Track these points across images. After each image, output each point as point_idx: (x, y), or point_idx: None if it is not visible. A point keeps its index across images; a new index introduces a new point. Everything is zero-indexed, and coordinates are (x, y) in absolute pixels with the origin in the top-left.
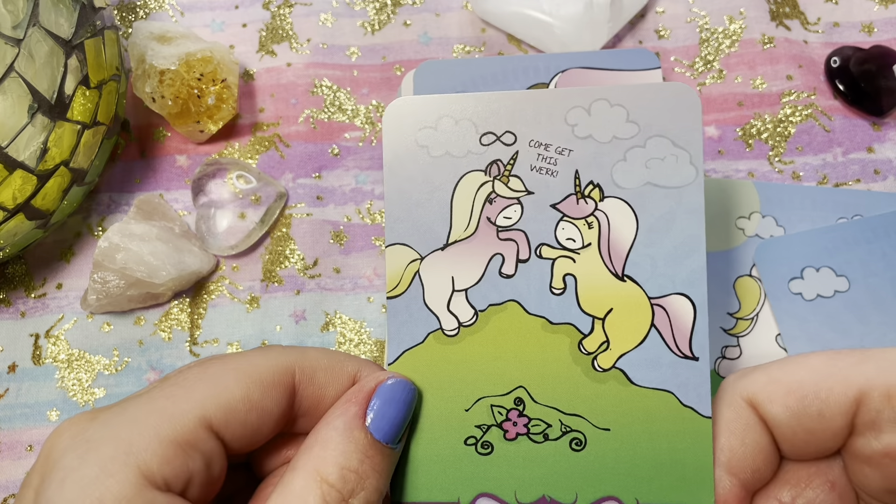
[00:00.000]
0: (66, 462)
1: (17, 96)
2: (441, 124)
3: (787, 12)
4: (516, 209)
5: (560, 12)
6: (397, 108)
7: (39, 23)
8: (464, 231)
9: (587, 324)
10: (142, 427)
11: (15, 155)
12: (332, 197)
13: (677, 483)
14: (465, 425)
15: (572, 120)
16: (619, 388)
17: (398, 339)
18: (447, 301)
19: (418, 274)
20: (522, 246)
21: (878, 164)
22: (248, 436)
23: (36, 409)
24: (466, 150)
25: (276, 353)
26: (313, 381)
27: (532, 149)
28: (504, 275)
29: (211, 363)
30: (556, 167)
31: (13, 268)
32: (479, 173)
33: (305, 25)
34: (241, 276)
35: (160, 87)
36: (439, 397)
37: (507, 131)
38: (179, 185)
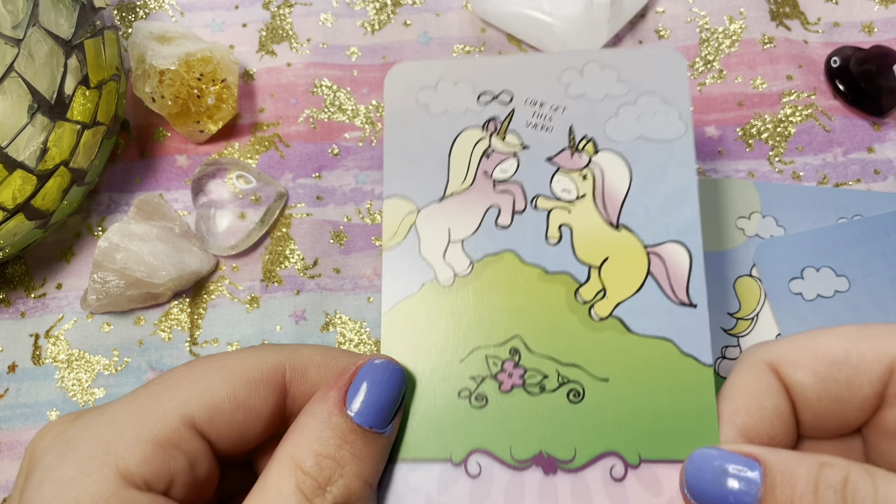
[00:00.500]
0: (46, 462)
1: (16, 96)
2: (440, 85)
3: (787, 12)
4: (512, 163)
5: (560, 12)
6: (399, 70)
7: (39, 23)
8: (461, 184)
9: (583, 273)
10: (122, 426)
11: (15, 155)
12: (332, 197)
13: (680, 435)
14: (458, 377)
15: (566, 80)
16: (616, 336)
17: (393, 290)
18: (443, 252)
19: (415, 225)
20: (518, 197)
21: (878, 164)
22: (236, 435)
23: (36, 410)
24: (464, 108)
25: (266, 350)
26: (306, 379)
27: (528, 107)
28: (500, 225)
29: (198, 363)
30: (551, 123)
31: (13, 268)
32: (476, 129)
33: (305, 25)
34: (240, 276)
35: (160, 87)
36: (433, 349)
37: (503, 90)
38: (179, 185)
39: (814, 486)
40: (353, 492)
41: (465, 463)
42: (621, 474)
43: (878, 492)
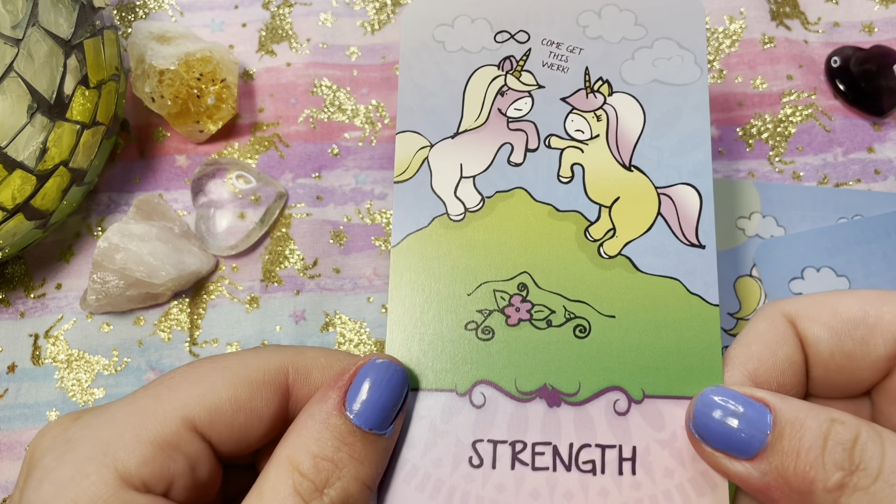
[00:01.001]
0: (45, 462)
1: (16, 96)
2: (458, 22)
3: (787, 12)
4: (527, 101)
5: None
6: (417, 6)
7: (39, 23)
8: (475, 121)
9: (594, 211)
10: (121, 427)
11: (14, 155)
12: (332, 197)
13: (684, 372)
14: (466, 310)
15: (584, 22)
16: (624, 274)
17: (403, 223)
18: (454, 187)
19: (427, 160)
20: (532, 136)
21: (878, 163)
22: (238, 437)
23: (35, 410)
24: (481, 46)
25: (269, 352)
26: (309, 381)
27: (544, 47)
28: (512, 163)
29: (200, 363)
30: (567, 64)
31: (12, 268)
32: (492, 67)
33: (305, 25)
34: (240, 276)
35: (160, 87)
36: (441, 281)
37: (520, 30)
38: (179, 185)
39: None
40: (351, 494)
41: (469, 393)
42: (625, 408)
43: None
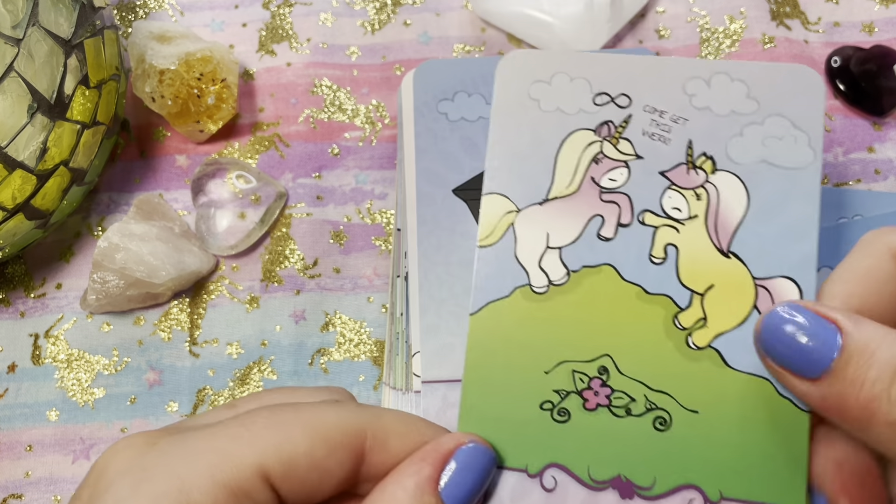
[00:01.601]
0: (119, 489)
1: (16, 96)
2: (555, 80)
3: (787, 12)
4: (623, 172)
5: (560, 12)
6: (513, 59)
7: (39, 22)
8: (566, 188)
9: (685, 297)
10: (198, 465)
11: (14, 155)
12: (332, 197)
13: (766, 479)
14: (543, 388)
15: (691, 90)
16: (712, 368)
17: (483, 290)
18: (539, 257)
19: (513, 226)
20: (625, 209)
21: (878, 163)
22: (306, 493)
23: (35, 409)
24: (578, 108)
25: (349, 411)
26: (385, 448)
27: (646, 114)
28: (602, 237)
29: (283, 410)
30: (669, 135)
31: (13, 268)
32: (588, 132)
33: (305, 25)
34: (240, 275)
35: (160, 87)
36: (519, 356)
37: (622, 93)
38: (179, 185)
39: (891, 374)
40: None
41: (540, 475)
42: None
43: None
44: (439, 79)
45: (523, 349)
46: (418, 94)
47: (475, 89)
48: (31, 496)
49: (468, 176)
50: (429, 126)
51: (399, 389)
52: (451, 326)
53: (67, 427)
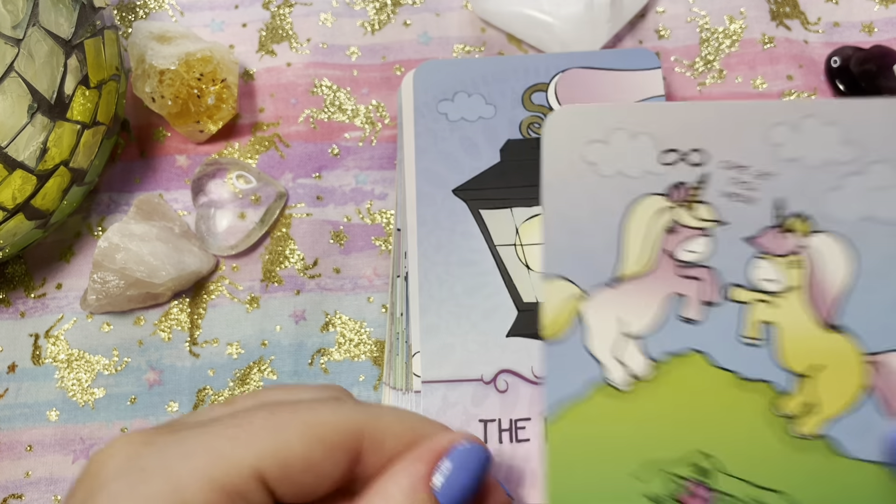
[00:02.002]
0: (115, 488)
1: (16, 96)
2: (614, 138)
3: (787, 12)
4: (702, 241)
5: (560, 12)
6: (561, 116)
7: (39, 23)
8: (637, 265)
9: (786, 381)
10: (195, 465)
11: (15, 155)
12: (332, 197)
13: None
14: (633, 496)
15: (776, 139)
16: (823, 459)
17: (556, 389)
18: (616, 347)
19: (581, 314)
20: (708, 285)
21: None
22: (300, 493)
23: (35, 409)
24: (643, 169)
25: (347, 410)
26: (382, 449)
27: (724, 171)
28: (685, 319)
29: (281, 411)
30: (754, 193)
31: (13, 268)
32: (658, 197)
33: (305, 25)
34: (240, 276)
35: (160, 87)
36: (604, 462)
37: (694, 149)
38: (179, 185)
39: None
40: None
41: None
42: None
43: None
44: (439, 79)
45: (609, 455)
46: (418, 95)
47: (475, 89)
48: (32, 496)
49: (468, 176)
50: (429, 126)
51: (399, 389)
52: (451, 326)
53: (67, 427)
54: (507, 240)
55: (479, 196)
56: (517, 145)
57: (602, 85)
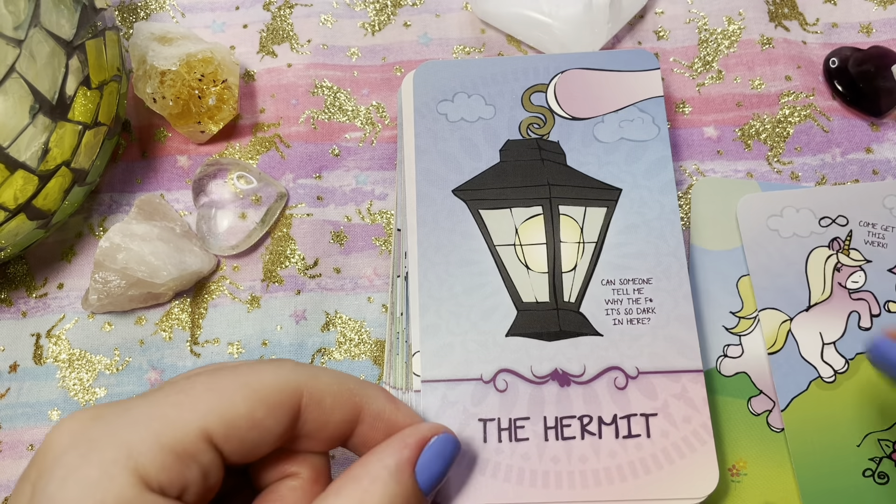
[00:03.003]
0: (68, 460)
1: (18, 97)
2: (785, 212)
3: (785, 13)
4: (860, 275)
5: (559, 13)
6: (750, 201)
7: (41, 24)
8: (821, 294)
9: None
10: (143, 431)
11: (16, 155)
12: (333, 197)
13: None
14: (860, 459)
15: (889, 204)
16: None
17: (785, 388)
18: (820, 352)
19: (791, 332)
20: (872, 303)
21: (876, 164)
22: (246, 451)
23: (37, 409)
24: (810, 231)
25: (286, 371)
26: (321, 406)
27: (862, 227)
28: (863, 328)
29: (221, 374)
30: (885, 240)
31: (14, 268)
32: (824, 248)
33: (306, 26)
34: (241, 276)
35: (161, 88)
36: (830, 436)
37: (839, 215)
38: (180, 186)
39: None
40: None
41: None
42: None
43: None
44: (439, 80)
45: (832, 431)
46: (418, 95)
47: (475, 90)
48: None
49: (468, 176)
50: (429, 127)
51: (399, 389)
52: (450, 326)
53: None
54: (506, 240)
55: (479, 196)
56: (517, 145)
57: (601, 86)
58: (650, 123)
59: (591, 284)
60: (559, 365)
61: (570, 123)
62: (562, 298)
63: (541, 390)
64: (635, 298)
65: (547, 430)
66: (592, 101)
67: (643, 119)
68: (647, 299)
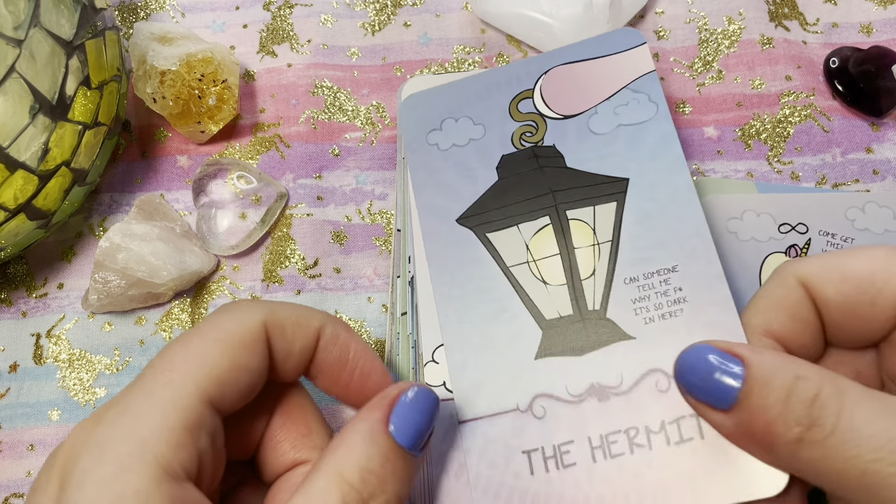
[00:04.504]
0: (83, 465)
1: (18, 97)
2: (746, 216)
3: (786, 13)
4: None
5: (559, 13)
6: (712, 202)
7: (41, 24)
8: None
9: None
10: (150, 420)
11: (16, 155)
12: (333, 197)
13: None
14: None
15: (850, 216)
16: None
17: None
18: None
19: None
20: None
21: (876, 164)
22: (241, 398)
23: (37, 409)
24: (768, 236)
25: (245, 311)
26: (283, 336)
27: (821, 237)
28: None
29: (189, 339)
30: None
31: (14, 268)
32: (780, 254)
33: (306, 26)
34: (241, 276)
35: (161, 88)
36: None
37: (799, 223)
38: (180, 186)
39: (785, 397)
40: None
41: None
42: None
43: (842, 411)
44: (424, 110)
45: None
46: (407, 130)
47: (461, 112)
48: None
49: (468, 202)
50: (422, 160)
51: None
52: (478, 361)
53: (69, 427)
54: (518, 258)
55: (484, 220)
56: (512, 159)
57: (588, 76)
58: (646, 102)
59: (614, 286)
60: (595, 379)
61: (563, 123)
62: (585, 308)
63: (580, 409)
64: (663, 291)
65: (594, 451)
66: (582, 95)
67: (638, 99)
68: (677, 289)
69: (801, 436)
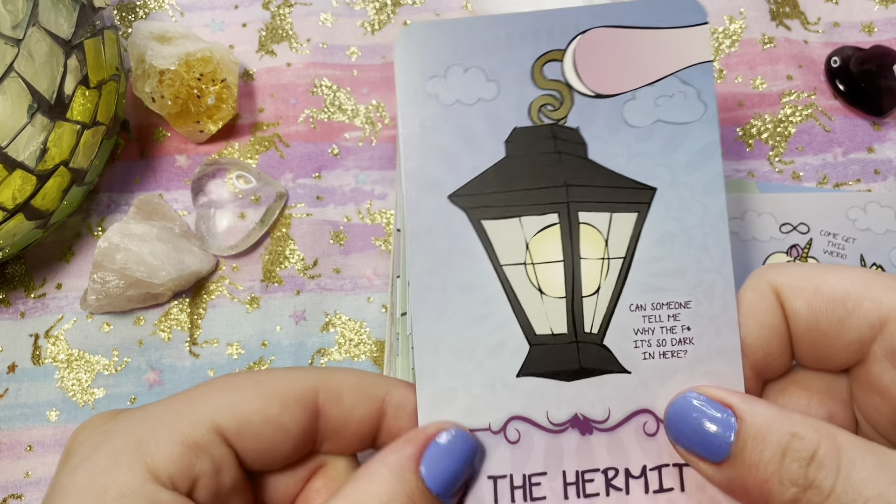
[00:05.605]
0: (82, 451)
1: (16, 96)
2: (747, 216)
3: (787, 12)
4: None
5: None
6: None
7: (39, 23)
8: None
9: None
10: (154, 425)
11: (14, 155)
12: (332, 197)
13: None
14: None
15: (852, 216)
16: None
17: None
18: None
19: None
20: None
21: (878, 164)
22: (264, 450)
23: (35, 410)
24: (769, 236)
25: (301, 372)
26: (339, 402)
27: (823, 237)
28: None
29: (235, 375)
30: (845, 251)
31: (13, 268)
32: (782, 254)
33: (305, 25)
34: (240, 276)
35: (160, 87)
36: None
37: (801, 223)
38: (179, 185)
39: (781, 456)
40: None
41: None
42: None
43: (840, 472)
44: (427, 49)
45: None
46: (403, 72)
47: (472, 61)
48: (31, 496)
49: (466, 177)
50: (416, 113)
51: None
52: (451, 366)
53: (68, 427)
54: (515, 258)
55: (481, 203)
56: (526, 135)
57: (634, 49)
58: (694, 99)
59: (618, 311)
60: (580, 409)
61: (594, 103)
62: (582, 329)
63: (559, 440)
64: (670, 327)
65: (567, 487)
66: (623, 71)
67: (685, 93)
68: (685, 328)
69: (798, 497)
